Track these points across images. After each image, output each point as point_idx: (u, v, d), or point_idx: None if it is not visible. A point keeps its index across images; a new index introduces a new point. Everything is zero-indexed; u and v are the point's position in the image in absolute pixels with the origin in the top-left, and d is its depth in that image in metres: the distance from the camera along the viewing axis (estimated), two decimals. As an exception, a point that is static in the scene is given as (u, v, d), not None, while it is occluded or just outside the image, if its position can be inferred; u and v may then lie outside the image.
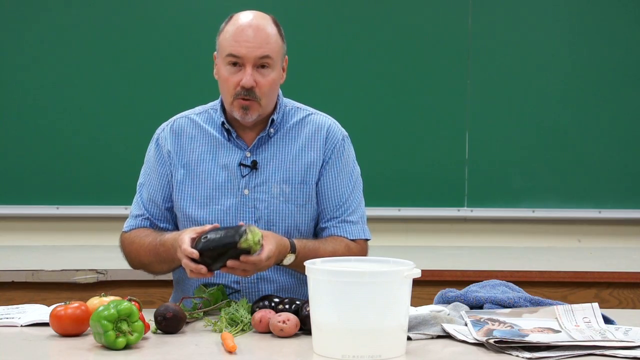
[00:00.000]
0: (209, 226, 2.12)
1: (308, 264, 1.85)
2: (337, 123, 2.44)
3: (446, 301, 2.21)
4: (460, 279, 3.18)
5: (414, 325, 1.94)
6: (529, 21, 4.10)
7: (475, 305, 2.16)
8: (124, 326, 1.84)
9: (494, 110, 4.10)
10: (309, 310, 1.90)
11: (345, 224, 2.38)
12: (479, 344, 1.88)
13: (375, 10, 4.06)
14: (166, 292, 2.94)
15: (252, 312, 2.06)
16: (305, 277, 1.86)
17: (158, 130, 2.45)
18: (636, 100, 4.11)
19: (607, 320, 2.04)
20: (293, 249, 2.22)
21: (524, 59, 4.09)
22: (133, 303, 1.93)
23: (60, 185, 4.00)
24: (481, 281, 2.30)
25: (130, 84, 4.00)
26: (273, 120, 2.36)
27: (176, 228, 2.39)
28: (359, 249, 2.37)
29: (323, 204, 2.38)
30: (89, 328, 1.91)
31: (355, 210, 2.40)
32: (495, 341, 1.84)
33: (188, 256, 2.06)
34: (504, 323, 1.99)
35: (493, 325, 1.97)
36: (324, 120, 2.42)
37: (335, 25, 4.07)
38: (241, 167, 2.34)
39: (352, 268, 1.88)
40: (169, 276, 2.47)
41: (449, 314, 2.06)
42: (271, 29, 2.30)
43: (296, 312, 2.01)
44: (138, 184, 2.44)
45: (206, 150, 2.37)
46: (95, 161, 3.99)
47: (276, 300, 2.08)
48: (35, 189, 3.99)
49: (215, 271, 2.10)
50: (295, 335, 1.97)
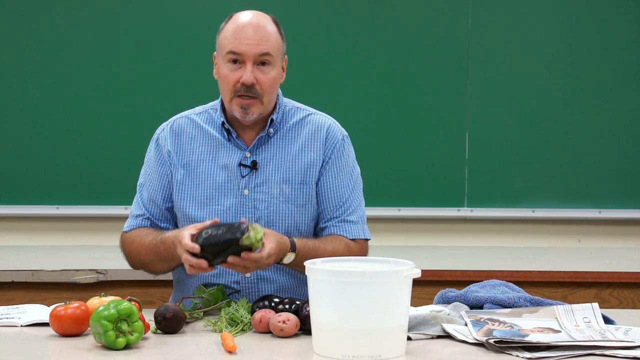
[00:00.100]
0: (209, 222, 2.12)
1: (308, 264, 1.85)
2: (337, 123, 2.44)
3: (446, 301, 2.21)
4: (460, 279, 3.18)
5: (414, 325, 1.94)
6: (529, 21, 4.10)
7: (475, 305, 2.16)
8: (124, 326, 1.84)
9: (494, 110, 4.09)
10: (309, 310, 1.90)
11: (345, 224, 2.37)
12: (479, 344, 1.87)
13: (375, 10, 4.06)
14: (166, 292, 2.94)
15: (252, 312, 2.06)
16: (305, 277, 1.86)
17: (158, 131, 2.45)
18: (636, 100, 4.11)
19: (607, 320, 2.04)
20: (293, 248, 2.22)
21: (524, 59, 4.09)
22: (133, 303, 1.93)
23: (60, 185, 4.00)
24: (481, 281, 2.30)
25: (131, 84, 4.00)
26: (272, 120, 2.36)
27: (176, 228, 2.38)
28: (359, 248, 2.37)
29: (323, 204, 2.38)
30: (89, 328, 1.91)
31: (355, 210, 2.40)
32: (495, 341, 1.84)
33: (189, 251, 2.06)
34: (504, 323, 1.98)
35: (493, 325, 1.97)
36: (324, 120, 2.42)
37: (335, 25, 4.06)
38: (241, 167, 2.34)
39: (352, 268, 1.88)
40: (169, 276, 2.47)
41: (449, 314, 2.06)
42: (271, 27, 2.31)
43: (296, 312, 2.01)
44: (138, 184, 2.44)
45: (206, 150, 2.37)
46: (95, 161, 3.99)
47: (276, 300, 2.08)
48: (35, 189, 3.99)
49: (215, 265, 2.10)
50: (295, 335, 1.97)
